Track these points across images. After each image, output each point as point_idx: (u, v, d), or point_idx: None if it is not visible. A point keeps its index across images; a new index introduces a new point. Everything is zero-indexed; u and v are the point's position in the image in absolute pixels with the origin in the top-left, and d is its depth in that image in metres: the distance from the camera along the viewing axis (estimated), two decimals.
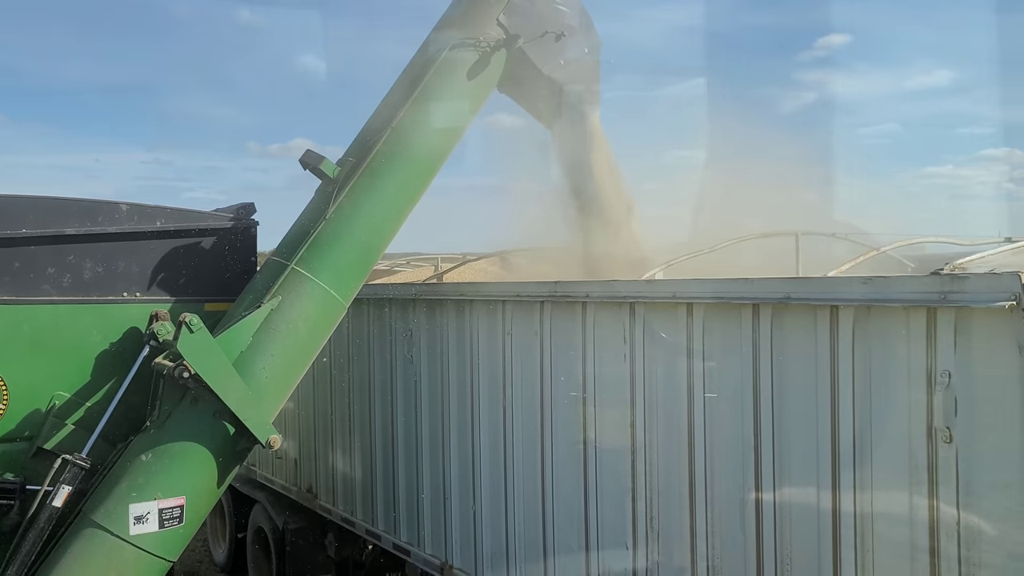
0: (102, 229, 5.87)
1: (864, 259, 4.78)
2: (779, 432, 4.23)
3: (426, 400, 7.01)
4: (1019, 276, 3.19)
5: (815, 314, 4.02)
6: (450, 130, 6.26)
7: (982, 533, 3.45)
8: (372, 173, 5.92)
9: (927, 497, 3.60)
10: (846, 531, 3.94)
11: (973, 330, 3.43)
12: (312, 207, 6.09)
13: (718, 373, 4.57)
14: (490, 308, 6.25)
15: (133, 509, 5.25)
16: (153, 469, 5.34)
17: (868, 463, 3.84)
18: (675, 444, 4.81)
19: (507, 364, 6.09)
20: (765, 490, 4.31)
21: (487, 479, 6.35)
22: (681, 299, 4.72)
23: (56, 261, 5.78)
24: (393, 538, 7.48)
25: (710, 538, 4.64)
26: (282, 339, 5.62)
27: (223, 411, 5.40)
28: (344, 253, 5.84)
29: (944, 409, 3.51)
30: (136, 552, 5.27)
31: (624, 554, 5.17)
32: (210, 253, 6.27)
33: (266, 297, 5.66)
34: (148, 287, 6.03)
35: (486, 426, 6.34)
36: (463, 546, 6.63)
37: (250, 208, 6.49)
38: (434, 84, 6.10)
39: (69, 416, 5.78)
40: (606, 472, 5.31)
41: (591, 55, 6.85)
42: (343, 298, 5.90)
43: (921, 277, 3.60)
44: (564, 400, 5.60)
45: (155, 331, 5.59)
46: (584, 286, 5.45)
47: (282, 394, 5.83)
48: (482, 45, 6.17)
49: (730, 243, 5.67)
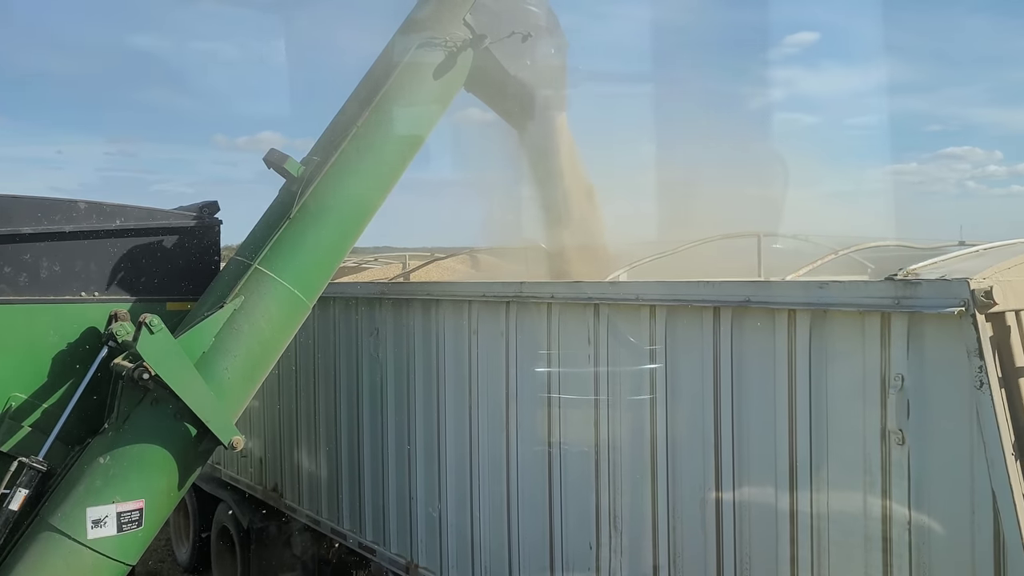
0: (59, 227, 5.77)
1: (823, 262, 4.86)
2: (739, 433, 4.29)
3: (392, 399, 7.00)
4: (967, 283, 3.27)
5: (774, 317, 4.08)
6: (416, 130, 6.23)
7: (932, 529, 3.54)
8: (337, 173, 5.88)
9: (880, 497, 3.68)
10: (803, 530, 4.01)
11: (925, 335, 3.51)
12: (276, 206, 6.03)
13: (680, 374, 4.62)
14: (457, 308, 6.25)
15: (91, 513, 5.18)
16: (111, 472, 5.27)
17: (824, 464, 3.92)
18: (638, 444, 4.86)
19: (473, 364, 6.10)
20: (725, 489, 4.38)
21: (453, 478, 6.36)
22: (644, 301, 4.76)
23: (12, 260, 5.67)
24: (359, 537, 7.46)
25: (672, 536, 4.70)
26: (245, 340, 5.57)
27: (184, 412, 5.35)
28: (308, 253, 5.80)
29: (897, 412, 3.59)
30: (94, 556, 5.21)
31: (588, 553, 5.21)
32: (172, 252, 6.19)
33: (229, 297, 5.61)
34: (107, 286, 5.94)
35: (452, 426, 6.34)
36: (428, 545, 6.64)
37: (213, 207, 6.42)
38: (400, 84, 6.07)
39: (25, 418, 5.68)
40: (570, 472, 5.35)
41: (558, 56, 6.86)
42: (307, 298, 5.86)
43: (875, 283, 3.68)
44: (529, 400, 5.62)
45: (114, 332, 5.51)
46: (550, 287, 5.48)
47: (245, 395, 5.78)
48: (449, 45, 6.15)
49: (694, 244, 5.72)
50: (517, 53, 6.49)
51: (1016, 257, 3.59)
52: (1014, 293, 3.38)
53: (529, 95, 6.75)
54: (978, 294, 3.23)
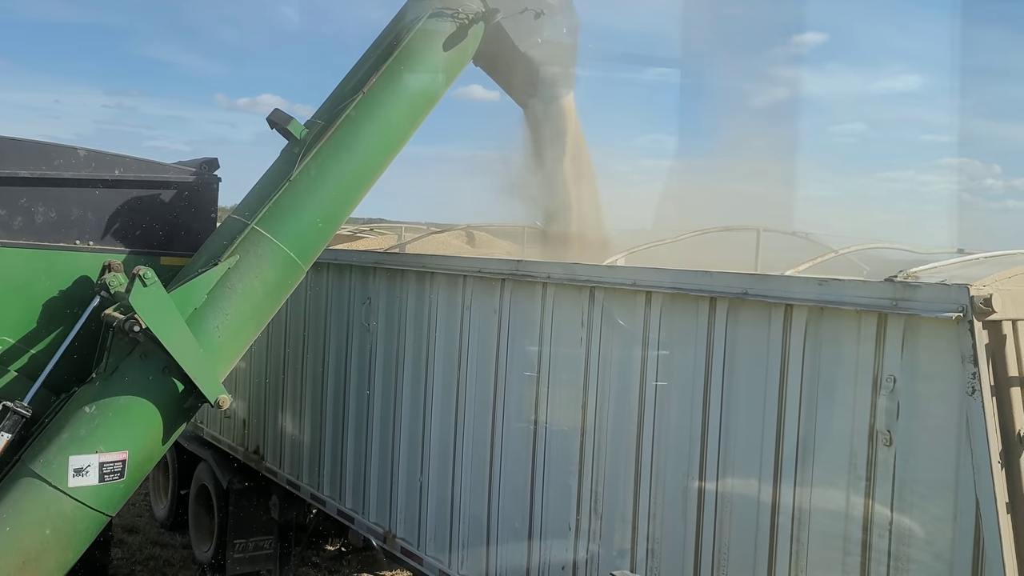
0: (57, 174, 5.71)
1: (821, 260, 4.86)
2: (726, 424, 4.31)
3: (380, 369, 6.99)
4: (967, 289, 3.27)
5: (770, 311, 4.08)
6: (422, 100, 6.18)
7: (913, 532, 3.57)
8: (340, 137, 5.83)
9: (864, 496, 3.70)
10: (783, 524, 4.04)
11: (920, 338, 3.52)
12: (277, 167, 5.99)
13: (671, 362, 4.63)
14: (451, 282, 6.24)
15: (73, 461, 5.16)
16: (96, 422, 5.24)
17: (810, 460, 3.94)
18: (624, 429, 4.87)
19: (464, 339, 6.10)
20: (708, 480, 4.40)
21: (436, 451, 6.37)
22: (641, 287, 4.76)
23: (7, 203, 5.61)
24: (338, 504, 7.48)
25: (651, 523, 4.72)
26: (238, 299, 5.54)
27: (172, 367, 5.32)
28: (306, 216, 5.77)
29: (887, 412, 3.61)
30: (74, 504, 5.19)
31: (566, 534, 5.24)
32: (169, 206, 6.14)
33: (224, 255, 5.57)
34: (102, 236, 5.89)
35: (439, 399, 6.35)
36: (407, 516, 6.66)
37: (213, 163, 6.36)
38: (409, 52, 6.02)
39: (12, 363, 5.64)
40: (554, 452, 5.36)
41: (569, 35, 6.81)
42: (303, 261, 5.83)
43: (875, 283, 3.68)
44: (518, 378, 5.63)
45: (107, 282, 5.47)
46: (546, 267, 5.46)
47: (234, 354, 5.76)
48: (460, 16, 6.10)
49: (693, 235, 5.72)
50: (529, 30, 6.44)
51: (1017, 267, 3.60)
52: (1013, 302, 3.39)
53: (537, 73, 6.71)
54: (977, 301, 3.24)
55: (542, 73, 6.74)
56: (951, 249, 5.98)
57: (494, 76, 6.97)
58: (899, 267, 3.71)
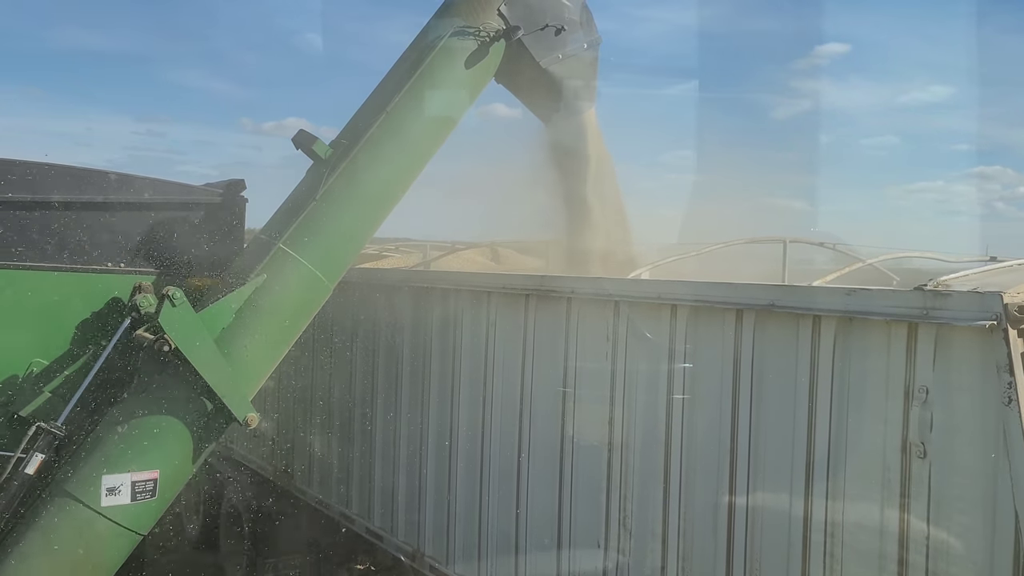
0: (90, 198, 5.81)
1: (849, 270, 4.81)
2: (756, 438, 4.25)
3: (407, 388, 7.00)
4: (1001, 296, 3.21)
5: (798, 323, 4.03)
6: (445, 118, 6.22)
7: (951, 548, 3.48)
8: (365, 156, 5.88)
9: (898, 510, 3.63)
10: (816, 539, 3.96)
11: (953, 347, 3.46)
12: (303, 187, 6.05)
13: (699, 376, 4.58)
14: (476, 298, 6.24)
15: (106, 480, 5.21)
16: (128, 441, 5.30)
17: (842, 473, 3.87)
18: (652, 444, 4.83)
19: (490, 356, 6.09)
20: (739, 494, 4.34)
21: (463, 469, 6.35)
22: (666, 300, 4.73)
23: (41, 227, 5.72)
24: (367, 523, 7.49)
25: (682, 539, 4.66)
26: (265, 318, 5.59)
27: (202, 387, 5.37)
28: (332, 235, 5.81)
29: (920, 424, 3.54)
30: (107, 524, 5.24)
31: (596, 552, 5.19)
32: (197, 227, 6.22)
33: (252, 275, 5.63)
34: (133, 258, 5.98)
35: (465, 416, 6.34)
36: (436, 535, 6.64)
37: (240, 185, 6.44)
38: (432, 71, 6.06)
39: (46, 383, 5.72)
40: (582, 469, 5.32)
41: (590, 51, 6.83)
42: (329, 280, 5.87)
43: (904, 292, 3.62)
44: (544, 394, 5.60)
45: (137, 303, 5.55)
46: (570, 282, 5.45)
47: (262, 373, 5.80)
48: (482, 34, 6.13)
49: (718, 247, 5.68)
50: (549, 46, 6.46)
51: None
52: None
53: (559, 88, 6.72)
54: (1011, 308, 3.18)
55: (564, 88, 6.75)
56: (984, 258, 5.88)
57: (516, 92, 6.99)
58: (929, 276, 3.65)
